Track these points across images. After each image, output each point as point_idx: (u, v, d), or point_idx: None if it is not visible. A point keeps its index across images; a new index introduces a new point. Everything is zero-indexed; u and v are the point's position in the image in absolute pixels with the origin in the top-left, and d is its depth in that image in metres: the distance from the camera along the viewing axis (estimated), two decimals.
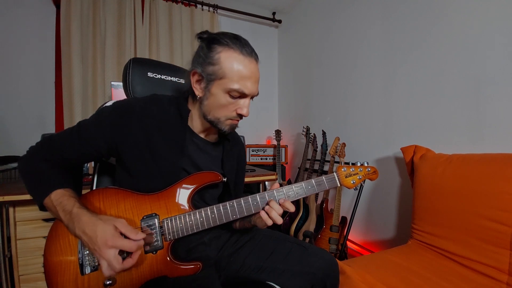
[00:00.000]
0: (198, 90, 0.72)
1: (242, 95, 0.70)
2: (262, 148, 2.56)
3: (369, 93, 1.85)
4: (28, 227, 1.27)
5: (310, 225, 1.95)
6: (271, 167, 2.52)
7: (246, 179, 1.65)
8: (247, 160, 2.50)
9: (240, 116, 0.73)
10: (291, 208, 0.70)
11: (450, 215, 1.11)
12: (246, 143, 2.23)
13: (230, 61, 0.66)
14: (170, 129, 0.75)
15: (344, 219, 1.82)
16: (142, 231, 0.66)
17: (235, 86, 0.67)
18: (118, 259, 0.57)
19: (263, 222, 0.70)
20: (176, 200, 0.71)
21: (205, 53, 0.68)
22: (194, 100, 0.78)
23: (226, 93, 0.68)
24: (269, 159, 2.56)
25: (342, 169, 0.76)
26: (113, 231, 0.58)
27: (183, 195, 0.72)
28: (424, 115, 1.48)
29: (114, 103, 0.75)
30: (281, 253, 0.80)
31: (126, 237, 0.60)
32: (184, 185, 0.72)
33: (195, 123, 0.79)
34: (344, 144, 1.88)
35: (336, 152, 1.88)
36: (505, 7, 1.14)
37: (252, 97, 0.73)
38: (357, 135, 1.95)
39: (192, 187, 0.73)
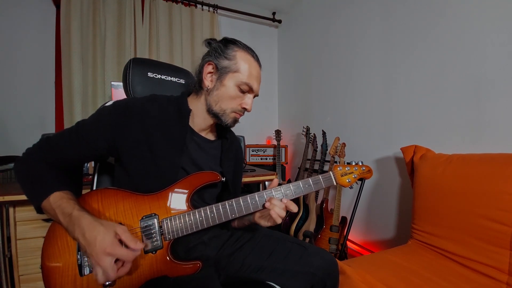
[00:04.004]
0: (208, 81, 0.77)
1: (249, 91, 0.77)
2: (262, 148, 2.56)
3: (369, 93, 1.85)
4: (28, 227, 1.27)
5: (310, 225, 1.95)
6: (271, 167, 2.52)
7: (247, 179, 1.66)
8: (247, 160, 2.50)
9: (243, 111, 0.79)
10: (294, 209, 0.71)
11: (450, 215, 1.11)
12: (246, 143, 2.22)
13: (244, 60, 0.76)
14: (170, 128, 0.75)
15: (344, 219, 1.82)
16: (142, 235, 0.66)
17: (247, 80, 0.75)
18: (113, 268, 0.56)
19: (271, 221, 0.72)
20: (175, 200, 0.71)
21: (222, 49, 0.76)
22: (198, 96, 0.80)
23: (236, 86, 0.75)
24: (269, 159, 2.56)
25: (338, 168, 0.79)
26: (113, 239, 0.57)
27: (182, 195, 0.72)
28: (424, 115, 1.48)
29: (113, 103, 0.75)
30: (281, 253, 0.80)
31: (124, 244, 0.59)
32: (183, 185, 0.72)
33: (196, 121, 0.80)
34: (344, 144, 1.88)
35: (336, 152, 1.88)
36: (505, 6, 1.14)
37: (254, 96, 0.80)
38: (357, 135, 1.95)
39: (191, 187, 0.73)
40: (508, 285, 0.91)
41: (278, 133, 2.47)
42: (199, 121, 0.80)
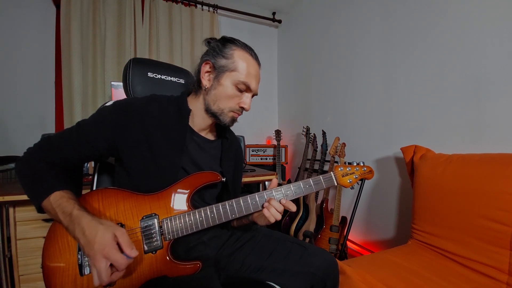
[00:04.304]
0: (206, 80, 0.77)
1: (247, 90, 0.76)
2: (262, 148, 2.56)
3: (369, 93, 1.85)
4: (28, 227, 1.27)
5: (310, 225, 1.95)
6: (271, 167, 2.52)
7: (246, 179, 1.66)
8: (247, 160, 2.50)
9: (242, 110, 0.78)
10: (293, 208, 0.71)
11: (450, 215, 1.11)
12: (246, 143, 2.22)
13: (242, 59, 0.75)
14: (170, 128, 0.75)
15: (344, 219, 1.82)
16: (142, 235, 0.66)
17: (244, 79, 0.74)
18: (107, 272, 0.56)
19: (266, 220, 0.72)
20: (176, 200, 0.71)
21: (220, 48, 0.76)
22: (197, 95, 0.80)
23: (234, 85, 0.75)
24: (269, 159, 2.56)
25: (339, 169, 0.79)
26: (111, 240, 0.57)
27: (182, 195, 0.72)
28: (424, 115, 1.48)
29: (113, 103, 0.75)
30: (281, 253, 0.80)
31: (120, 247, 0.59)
32: (183, 185, 0.72)
33: (196, 121, 0.81)
34: (344, 144, 1.88)
35: (336, 152, 1.88)
36: (505, 6, 1.14)
37: (253, 96, 0.79)
38: (357, 135, 1.95)
39: (191, 187, 0.73)
40: (508, 285, 0.91)
41: (278, 133, 2.47)
42: (199, 120, 0.81)
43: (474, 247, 1.02)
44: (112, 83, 1.70)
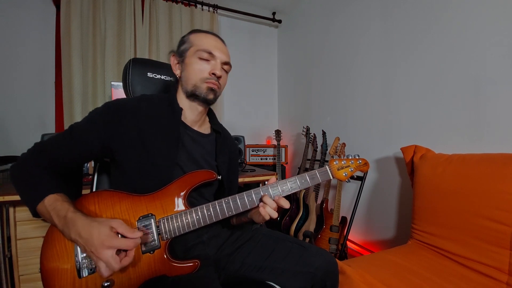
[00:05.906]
0: (177, 70, 0.83)
1: (212, 57, 0.79)
2: (262, 148, 2.56)
3: (369, 93, 1.85)
4: (28, 227, 1.27)
5: (310, 225, 1.95)
6: (271, 167, 2.51)
7: (246, 179, 1.66)
8: (247, 160, 2.50)
9: (214, 78, 0.79)
10: (286, 205, 0.71)
11: (450, 215, 1.11)
12: (246, 143, 2.22)
13: (198, 36, 0.81)
14: (163, 124, 0.76)
15: (344, 219, 1.82)
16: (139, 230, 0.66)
17: (202, 46, 0.78)
18: (116, 259, 0.57)
19: (260, 217, 0.72)
20: (172, 200, 0.71)
21: (180, 40, 0.84)
22: (178, 89, 0.84)
23: (197, 58, 0.78)
24: (269, 159, 2.55)
25: (334, 162, 0.78)
26: (108, 232, 0.58)
27: (178, 194, 0.72)
28: (423, 115, 1.48)
29: (104, 104, 0.76)
30: (281, 252, 0.80)
31: (123, 236, 0.60)
32: (179, 185, 0.72)
33: (187, 115, 0.82)
34: (344, 144, 1.88)
35: (336, 152, 1.88)
36: (504, 6, 1.14)
37: (224, 66, 0.82)
38: (357, 135, 1.95)
39: (187, 186, 0.73)
40: (508, 285, 0.91)
41: (278, 133, 2.47)
42: (188, 113, 0.82)
43: (474, 247, 1.02)
44: (112, 83, 1.70)
